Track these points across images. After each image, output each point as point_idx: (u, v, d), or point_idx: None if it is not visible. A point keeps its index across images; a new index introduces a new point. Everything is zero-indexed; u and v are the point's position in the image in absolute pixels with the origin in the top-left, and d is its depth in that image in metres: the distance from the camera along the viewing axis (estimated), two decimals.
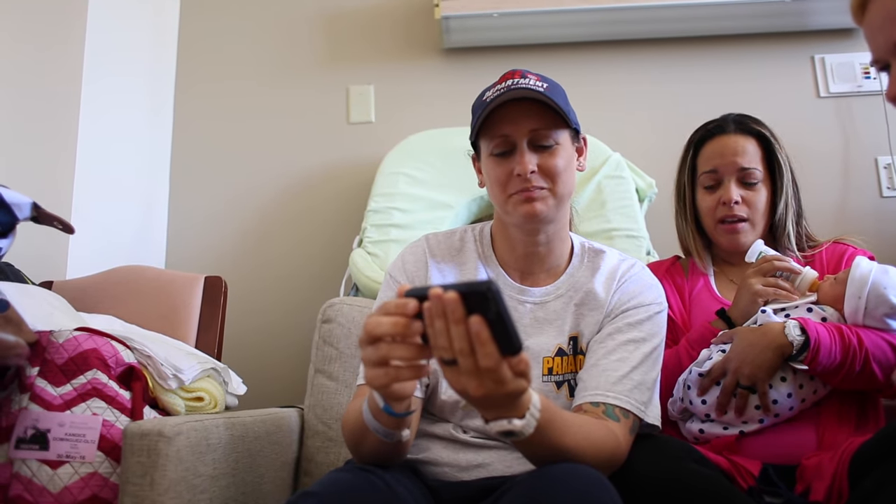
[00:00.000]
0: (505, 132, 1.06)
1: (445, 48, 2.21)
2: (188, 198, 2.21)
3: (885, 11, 0.84)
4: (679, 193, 1.47)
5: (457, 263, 1.16)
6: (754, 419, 1.17)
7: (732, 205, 1.34)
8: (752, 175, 1.35)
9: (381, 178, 1.92)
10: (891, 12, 0.84)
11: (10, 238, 1.10)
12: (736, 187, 1.35)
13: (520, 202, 1.06)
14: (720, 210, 1.36)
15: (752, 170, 1.35)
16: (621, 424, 0.98)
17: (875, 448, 0.98)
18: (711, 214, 1.39)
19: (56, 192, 1.72)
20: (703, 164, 1.41)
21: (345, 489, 0.83)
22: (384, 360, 0.75)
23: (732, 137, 1.38)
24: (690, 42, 2.19)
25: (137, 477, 1.00)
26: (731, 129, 1.39)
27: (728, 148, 1.37)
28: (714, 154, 1.39)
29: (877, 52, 0.88)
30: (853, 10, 0.91)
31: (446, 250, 1.17)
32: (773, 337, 1.14)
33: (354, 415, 0.98)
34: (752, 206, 1.35)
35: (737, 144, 1.37)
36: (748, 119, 1.41)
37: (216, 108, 2.26)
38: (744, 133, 1.38)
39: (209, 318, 1.62)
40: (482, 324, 0.70)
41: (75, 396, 1.10)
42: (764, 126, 1.40)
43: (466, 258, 1.16)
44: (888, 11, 0.84)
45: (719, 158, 1.37)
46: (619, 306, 1.10)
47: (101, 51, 1.88)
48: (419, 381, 1.04)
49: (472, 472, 1.05)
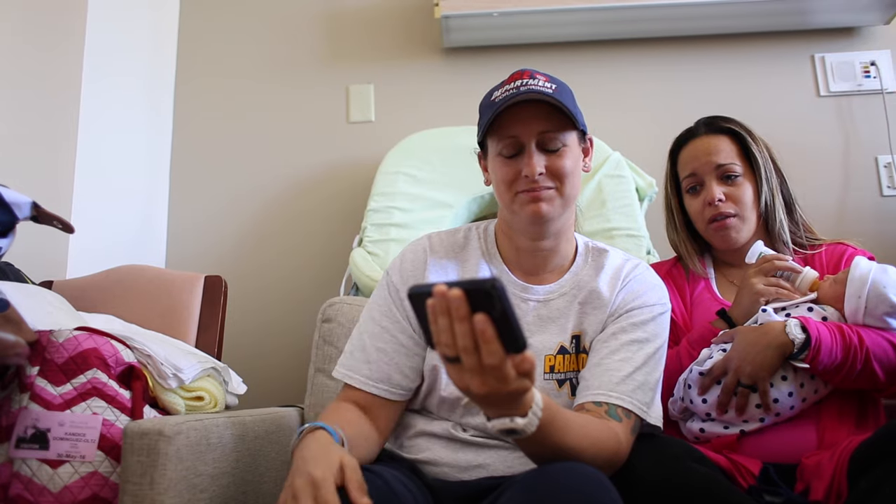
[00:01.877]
0: (514, 133, 1.06)
1: (445, 47, 2.21)
2: (188, 197, 2.21)
3: None
4: (667, 204, 1.49)
5: (459, 260, 1.16)
6: (755, 418, 1.17)
7: (717, 203, 1.35)
8: (731, 170, 1.37)
9: (381, 178, 1.92)
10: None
11: (10, 237, 1.10)
12: (717, 185, 1.37)
13: (526, 202, 1.06)
14: (707, 211, 1.38)
15: (730, 164, 1.37)
16: (623, 424, 0.98)
17: (873, 447, 0.98)
18: (700, 217, 1.40)
19: (56, 191, 1.72)
20: (682, 170, 1.43)
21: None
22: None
23: (704, 139, 1.40)
24: (690, 41, 2.19)
25: (137, 476, 1.00)
26: (703, 132, 1.42)
27: (700, 149, 1.39)
28: (690, 157, 1.41)
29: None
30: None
31: (449, 247, 1.17)
32: (775, 336, 1.14)
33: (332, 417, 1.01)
34: (738, 201, 1.36)
35: (709, 144, 1.39)
36: (718, 119, 1.43)
37: (216, 107, 2.26)
38: (715, 132, 1.41)
39: (209, 317, 1.62)
40: (487, 321, 0.69)
41: (75, 396, 1.10)
42: (734, 122, 1.42)
43: (469, 255, 1.16)
44: None
45: (695, 161, 1.39)
46: (623, 306, 1.10)
47: (101, 51, 1.88)
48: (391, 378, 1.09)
49: (472, 472, 1.05)
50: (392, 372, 1.09)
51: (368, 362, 1.09)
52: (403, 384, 1.10)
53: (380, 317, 1.13)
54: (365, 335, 1.12)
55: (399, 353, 1.10)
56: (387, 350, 1.10)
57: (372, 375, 1.08)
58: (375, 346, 1.10)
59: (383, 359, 1.09)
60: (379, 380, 1.08)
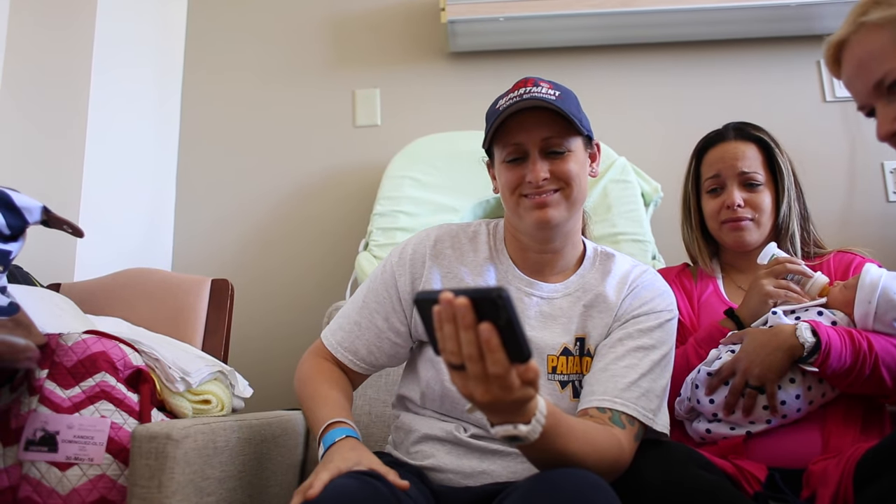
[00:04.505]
0: (517, 140, 1.07)
1: (451, 52, 2.21)
2: (195, 201, 2.21)
3: (857, 60, 0.92)
4: (685, 202, 1.51)
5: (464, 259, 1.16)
6: (762, 419, 1.17)
7: (736, 208, 1.37)
8: (754, 178, 1.39)
9: (387, 182, 1.93)
10: (861, 60, 0.91)
11: (21, 241, 1.10)
12: (738, 191, 1.38)
13: (531, 208, 1.07)
14: (724, 213, 1.39)
15: (753, 173, 1.39)
16: (626, 431, 0.98)
17: (880, 455, 0.98)
18: (716, 217, 1.41)
19: (64, 195, 1.73)
20: (706, 171, 1.44)
21: (348, 497, 0.84)
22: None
23: (733, 143, 1.42)
24: (696, 46, 2.19)
25: (145, 479, 1.00)
26: (732, 136, 1.43)
27: (728, 153, 1.41)
28: (716, 160, 1.42)
29: (858, 98, 0.95)
30: (830, 68, 0.99)
31: (456, 241, 1.18)
32: (785, 338, 1.15)
33: (312, 381, 1.13)
34: (757, 208, 1.38)
35: (737, 150, 1.40)
36: (748, 126, 1.45)
37: (222, 112, 2.26)
38: (744, 139, 1.42)
39: (216, 320, 1.62)
40: (492, 331, 0.70)
41: (84, 399, 1.10)
42: (763, 132, 1.43)
43: (476, 250, 1.17)
44: (859, 59, 0.92)
45: (720, 163, 1.41)
46: (630, 312, 1.10)
47: (109, 57, 1.89)
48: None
49: (476, 479, 1.05)
50: (359, 346, 1.15)
51: (342, 329, 1.17)
52: (368, 360, 1.16)
53: (367, 291, 1.18)
54: (351, 303, 1.19)
55: (370, 332, 1.15)
56: (361, 324, 1.16)
57: (342, 343, 1.16)
58: (353, 318, 1.17)
59: (355, 331, 1.15)
60: (347, 349, 1.15)
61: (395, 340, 1.15)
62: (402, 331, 1.15)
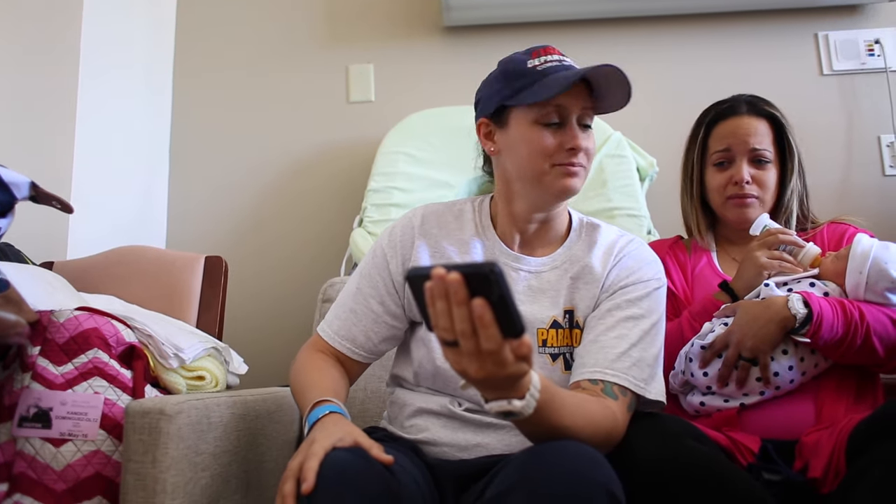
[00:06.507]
0: (561, 103, 1.05)
1: (446, 26, 2.19)
2: (188, 178, 2.20)
3: None
4: (686, 171, 1.48)
5: (450, 237, 1.16)
6: (755, 391, 1.18)
7: (744, 184, 1.36)
8: (763, 155, 1.37)
9: (382, 158, 1.92)
10: None
11: (9, 218, 1.10)
12: (747, 167, 1.37)
13: (561, 175, 1.06)
14: (730, 188, 1.38)
15: (764, 150, 1.37)
16: (619, 402, 0.98)
17: (873, 427, 0.98)
18: (721, 191, 1.39)
19: (56, 172, 1.72)
20: (714, 144, 1.42)
21: (341, 469, 0.84)
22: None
23: (745, 118, 1.39)
24: (692, 19, 2.17)
25: (139, 455, 1.01)
26: (744, 111, 1.40)
27: (741, 128, 1.38)
28: (727, 134, 1.40)
29: None
30: None
31: (442, 221, 1.17)
32: (777, 310, 1.15)
33: (304, 371, 1.10)
34: (763, 185, 1.37)
35: (749, 125, 1.38)
36: (760, 101, 1.42)
37: (215, 88, 2.24)
38: (756, 115, 1.39)
39: (210, 297, 1.62)
40: (485, 306, 0.69)
41: (77, 375, 1.10)
42: (775, 108, 1.41)
43: (462, 228, 1.16)
44: None
45: (732, 138, 1.38)
46: (617, 282, 1.09)
47: (100, 31, 1.86)
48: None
49: (471, 452, 1.06)
50: (357, 333, 1.14)
51: (338, 318, 1.16)
52: (366, 347, 1.14)
53: (359, 278, 1.17)
54: (344, 292, 1.18)
55: (367, 318, 1.14)
56: (357, 311, 1.15)
57: (339, 332, 1.15)
58: (349, 305, 1.16)
59: (352, 318, 1.14)
60: (344, 337, 1.14)
61: (391, 323, 1.15)
62: (398, 313, 1.15)
